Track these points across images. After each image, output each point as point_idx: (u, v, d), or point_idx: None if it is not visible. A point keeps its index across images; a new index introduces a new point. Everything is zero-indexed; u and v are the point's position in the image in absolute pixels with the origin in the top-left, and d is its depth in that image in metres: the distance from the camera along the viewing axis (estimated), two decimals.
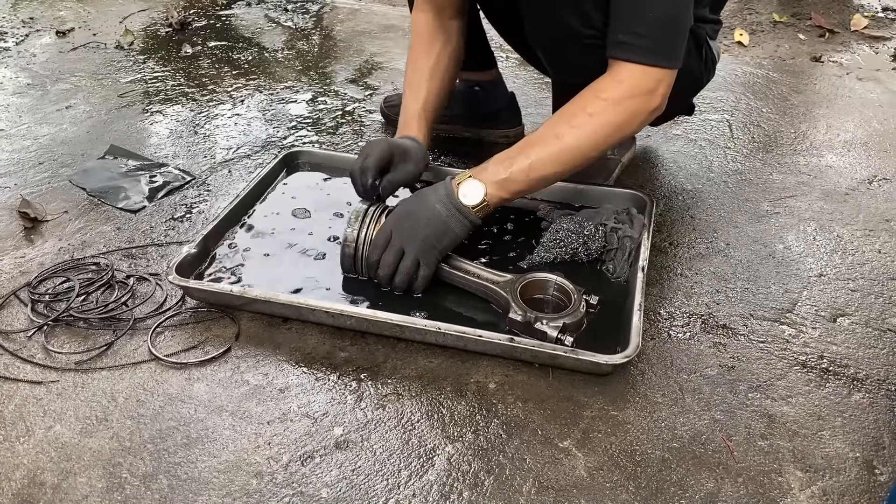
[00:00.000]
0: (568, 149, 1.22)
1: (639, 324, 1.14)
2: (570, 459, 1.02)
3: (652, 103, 1.22)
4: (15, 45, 2.40)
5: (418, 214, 1.22)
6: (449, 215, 1.21)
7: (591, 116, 1.21)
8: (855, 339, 1.23)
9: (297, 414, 1.08)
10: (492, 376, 1.14)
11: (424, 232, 1.21)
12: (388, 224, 1.24)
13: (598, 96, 1.22)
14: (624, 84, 1.21)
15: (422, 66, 1.46)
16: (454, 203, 1.21)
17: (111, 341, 1.19)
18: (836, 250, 1.44)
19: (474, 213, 1.22)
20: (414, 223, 1.21)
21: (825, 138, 1.87)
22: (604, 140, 1.23)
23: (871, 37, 2.57)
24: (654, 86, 1.21)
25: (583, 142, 1.22)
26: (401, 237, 1.21)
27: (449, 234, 1.22)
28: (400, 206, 1.26)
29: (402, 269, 1.22)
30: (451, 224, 1.21)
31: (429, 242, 1.21)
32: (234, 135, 1.85)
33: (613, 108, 1.21)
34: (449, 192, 1.22)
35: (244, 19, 2.66)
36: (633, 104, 1.22)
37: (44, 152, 1.76)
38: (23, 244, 1.43)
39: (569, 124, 1.22)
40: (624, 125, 1.23)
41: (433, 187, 1.25)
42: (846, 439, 1.06)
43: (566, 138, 1.22)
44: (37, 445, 1.03)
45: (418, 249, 1.21)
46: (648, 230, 1.35)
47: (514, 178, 1.23)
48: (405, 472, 1.00)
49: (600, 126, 1.21)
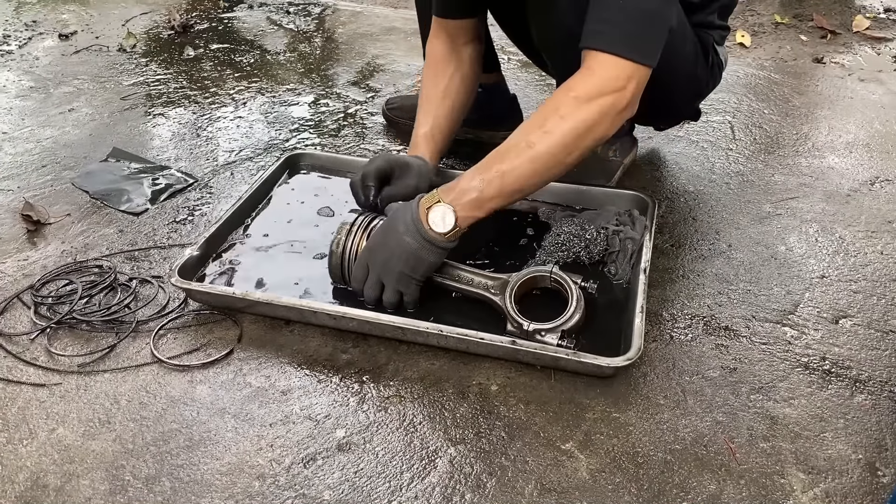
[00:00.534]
0: (541, 157, 1.17)
1: (641, 326, 1.14)
2: (572, 461, 1.02)
3: (621, 101, 1.17)
4: (18, 49, 2.41)
5: (390, 248, 1.18)
6: (419, 247, 1.17)
7: (563, 119, 1.16)
8: (857, 340, 1.23)
9: (300, 416, 1.08)
10: (494, 378, 1.14)
11: (398, 266, 1.18)
12: (363, 258, 1.21)
13: (568, 94, 1.18)
14: (594, 76, 1.17)
15: (432, 91, 1.48)
16: (422, 234, 1.16)
17: (114, 344, 1.20)
18: (839, 252, 1.44)
19: (446, 239, 1.17)
20: (387, 257, 1.18)
21: (827, 140, 1.87)
22: (576, 143, 1.17)
23: (872, 38, 2.56)
24: (623, 82, 1.16)
25: (556, 147, 1.17)
26: (377, 271, 1.19)
27: (423, 263, 1.18)
28: (373, 237, 1.22)
29: (385, 299, 1.21)
30: (422, 255, 1.17)
31: (404, 274, 1.18)
32: (237, 137, 1.85)
33: (584, 108, 1.16)
34: (416, 222, 1.17)
35: (246, 22, 2.67)
36: (603, 102, 1.16)
37: (47, 155, 1.77)
38: (26, 247, 1.44)
39: (541, 129, 1.18)
40: (595, 125, 1.17)
41: (402, 213, 1.19)
42: (849, 441, 1.05)
43: (538, 146, 1.17)
44: (40, 448, 1.03)
45: (395, 282, 1.19)
46: (650, 232, 1.35)
47: (487, 196, 1.18)
48: (407, 475, 1.00)
49: (572, 128, 1.16)
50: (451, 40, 1.50)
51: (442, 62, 1.50)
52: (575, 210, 1.46)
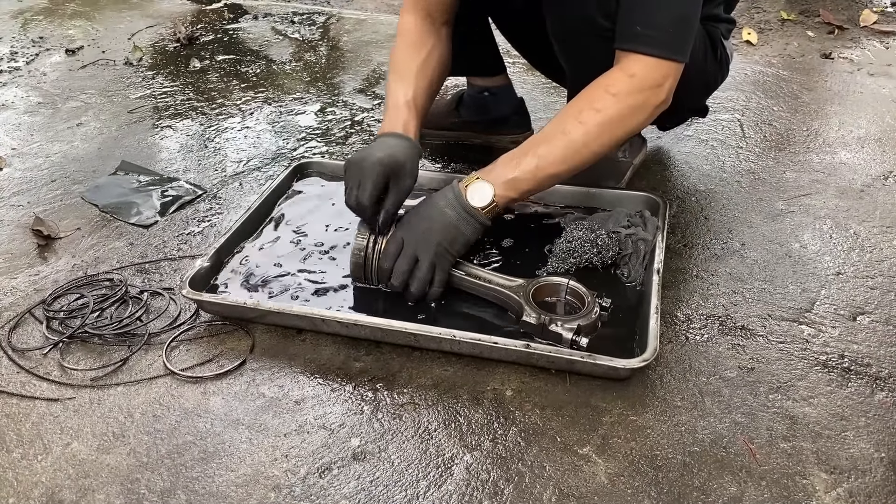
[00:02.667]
0: (574, 144, 1.22)
1: (656, 327, 1.13)
2: (590, 466, 1.01)
3: (658, 97, 1.22)
4: (25, 65, 2.42)
5: (429, 220, 1.21)
6: (459, 219, 1.20)
7: (598, 112, 1.21)
8: (876, 337, 1.22)
9: (314, 425, 1.07)
10: (508, 383, 1.14)
11: (437, 237, 1.20)
12: (399, 231, 1.23)
13: (607, 91, 1.21)
14: (635, 78, 1.20)
15: (410, 63, 1.40)
16: (463, 206, 1.21)
17: (126, 357, 1.19)
18: (854, 248, 1.43)
19: (484, 214, 1.22)
20: (426, 229, 1.21)
21: (838, 135, 1.85)
22: (609, 135, 1.22)
23: (880, 32, 2.55)
24: (661, 80, 1.21)
25: (590, 137, 1.21)
26: (413, 244, 1.21)
27: (460, 237, 1.21)
28: (409, 212, 1.25)
29: (418, 275, 1.21)
30: (461, 227, 1.21)
31: (442, 247, 1.20)
32: (244, 147, 1.85)
33: (620, 103, 1.21)
34: (457, 195, 1.22)
35: (251, 33, 2.68)
36: (641, 98, 1.21)
37: (56, 170, 1.77)
38: (37, 262, 1.44)
39: (576, 119, 1.22)
40: (630, 119, 1.22)
41: (441, 191, 1.24)
42: (870, 439, 1.04)
43: (573, 134, 1.21)
44: (54, 463, 1.03)
45: (433, 255, 1.20)
46: (662, 232, 1.34)
47: (522, 178, 1.22)
48: (424, 483, 0.99)
49: (607, 120, 1.21)
50: (430, 18, 1.45)
51: (421, 35, 1.43)
52: (586, 211, 1.45)
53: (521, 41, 1.69)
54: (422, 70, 1.40)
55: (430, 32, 1.44)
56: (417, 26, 1.44)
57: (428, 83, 1.41)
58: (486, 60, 1.73)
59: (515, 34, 1.67)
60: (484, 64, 1.73)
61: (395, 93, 1.37)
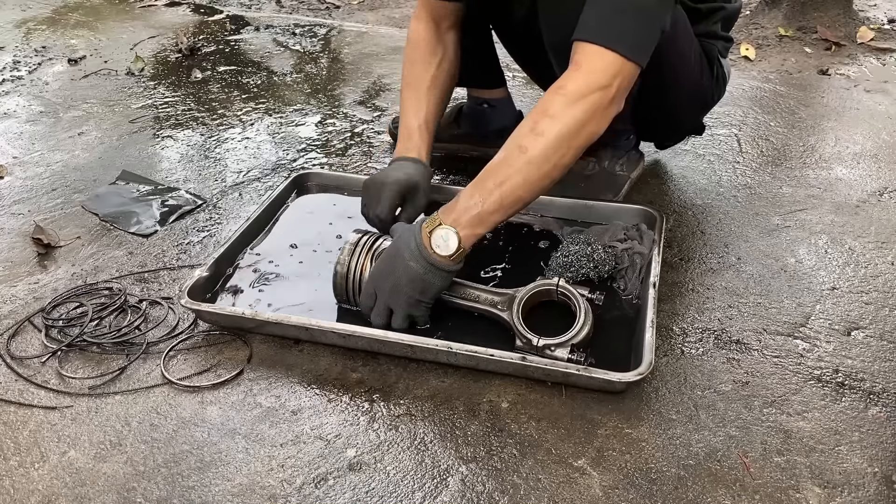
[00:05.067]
0: (536, 160, 1.16)
1: (651, 340, 1.13)
2: (584, 479, 1.01)
3: (606, 97, 1.15)
4: (28, 74, 2.43)
5: (396, 275, 1.18)
6: (425, 272, 1.17)
7: (553, 119, 1.16)
8: (870, 352, 1.22)
9: (310, 436, 1.08)
10: (504, 395, 1.14)
11: (406, 291, 1.18)
12: (370, 285, 1.22)
13: (557, 93, 1.17)
14: (580, 71, 1.16)
15: (421, 77, 1.47)
16: (428, 259, 1.16)
17: (124, 366, 1.20)
18: (849, 263, 1.44)
19: (451, 261, 1.17)
20: (394, 284, 1.18)
21: (834, 151, 1.87)
22: (569, 143, 1.16)
23: (877, 49, 2.57)
24: (609, 79, 1.15)
25: (549, 149, 1.16)
26: (384, 298, 1.20)
27: (431, 287, 1.18)
28: (378, 265, 1.22)
29: (394, 324, 1.21)
30: (429, 279, 1.17)
31: (413, 298, 1.18)
32: (244, 158, 1.86)
33: (573, 107, 1.15)
34: (420, 247, 1.17)
35: (252, 44, 2.69)
36: (591, 99, 1.15)
37: (57, 179, 1.78)
38: (36, 270, 1.44)
39: (532, 132, 1.17)
40: (585, 123, 1.16)
41: (404, 240, 1.19)
42: (864, 454, 1.04)
43: (532, 150, 1.16)
44: (51, 471, 1.03)
45: (405, 306, 1.19)
46: (659, 246, 1.35)
47: (488, 211, 1.17)
48: (419, 494, 0.99)
49: (564, 127, 1.15)
50: (436, 24, 1.50)
51: (429, 46, 1.49)
52: (582, 225, 1.46)
53: (521, 53, 1.70)
54: (433, 84, 1.47)
55: (439, 41, 1.49)
56: (428, 35, 1.49)
57: (439, 99, 1.48)
58: (488, 73, 1.74)
59: (515, 46, 1.69)
60: (485, 76, 1.74)
61: (409, 113, 1.45)
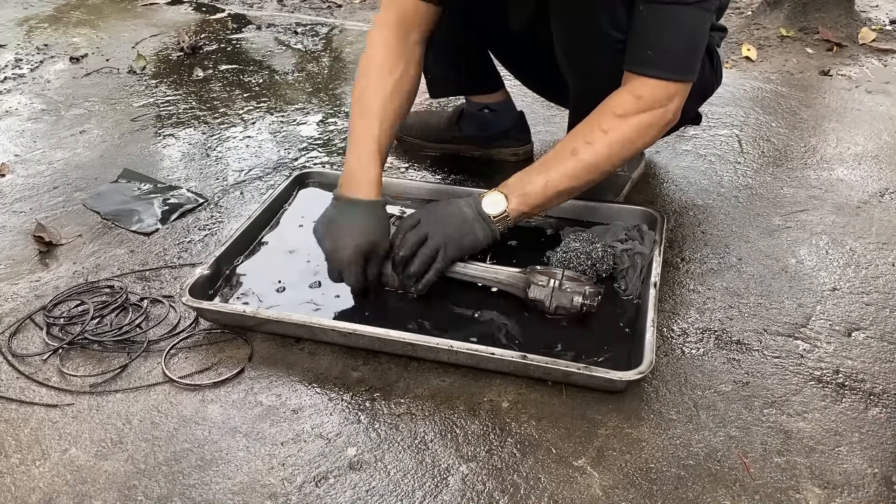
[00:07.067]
0: (583, 164, 1.26)
1: (652, 340, 1.14)
2: (585, 478, 1.01)
3: (666, 117, 1.26)
4: (30, 72, 2.43)
5: (448, 212, 1.28)
6: (474, 219, 1.26)
7: (606, 133, 1.25)
8: (870, 353, 1.22)
9: (311, 434, 1.08)
10: (505, 395, 1.14)
11: (451, 226, 1.26)
12: (419, 213, 1.29)
13: (613, 112, 1.25)
14: (642, 100, 1.24)
15: (376, 94, 1.34)
16: (479, 210, 1.27)
17: (125, 364, 1.20)
18: (850, 264, 1.44)
19: (495, 222, 1.27)
20: (443, 217, 1.27)
21: (835, 152, 1.87)
22: (617, 154, 1.27)
23: (879, 50, 2.57)
24: (668, 101, 1.25)
25: (598, 157, 1.26)
26: (429, 225, 1.26)
27: (471, 235, 1.26)
28: (432, 203, 1.32)
29: (422, 252, 1.25)
30: (475, 227, 1.26)
31: (453, 236, 1.26)
32: (246, 157, 1.87)
33: (627, 124, 1.24)
34: (476, 200, 1.28)
35: (254, 43, 2.69)
36: (647, 118, 1.25)
37: (58, 177, 1.78)
38: (38, 268, 1.45)
39: (584, 140, 1.26)
40: (637, 139, 1.27)
41: (463, 199, 1.30)
42: (864, 455, 1.04)
43: (581, 154, 1.26)
44: (52, 469, 1.03)
45: (443, 238, 1.25)
46: (660, 246, 1.35)
47: (533, 193, 1.27)
48: (419, 493, 0.99)
49: (615, 141, 1.25)
50: (404, 33, 1.37)
51: (390, 60, 1.35)
52: (584, 225, 1.46)
53: (515, 62, 1.71)
54: (389, 104, 1.34)
55: (401, 54, 1.36)
56: (390, 45, 1.36)
57: (392, 122, 1.35)
58: (484, 80, 1.75)
59: (510, 55, 1.69)
60: (483, 83, 1.75)
61: (362, 133, 1.31)
